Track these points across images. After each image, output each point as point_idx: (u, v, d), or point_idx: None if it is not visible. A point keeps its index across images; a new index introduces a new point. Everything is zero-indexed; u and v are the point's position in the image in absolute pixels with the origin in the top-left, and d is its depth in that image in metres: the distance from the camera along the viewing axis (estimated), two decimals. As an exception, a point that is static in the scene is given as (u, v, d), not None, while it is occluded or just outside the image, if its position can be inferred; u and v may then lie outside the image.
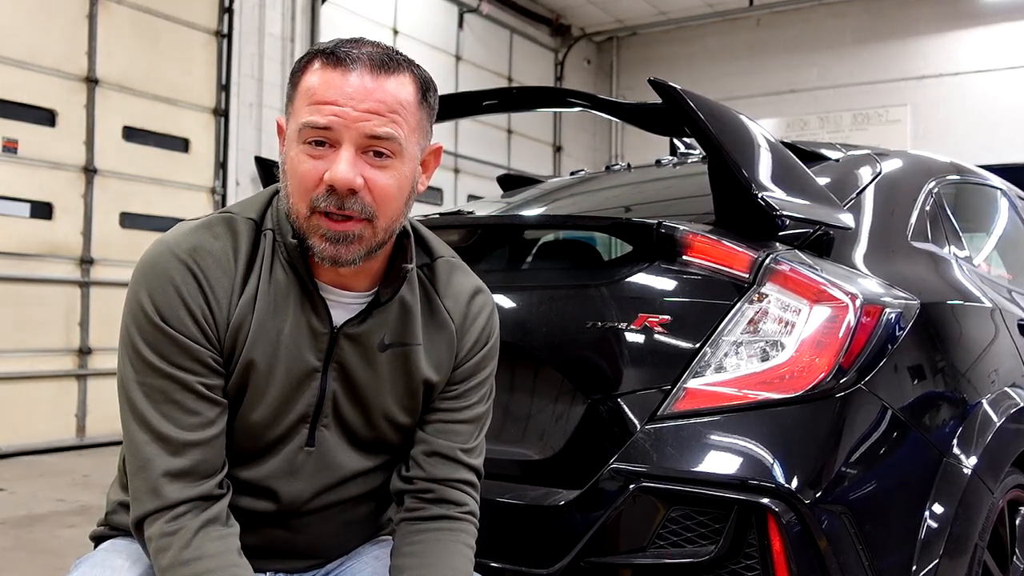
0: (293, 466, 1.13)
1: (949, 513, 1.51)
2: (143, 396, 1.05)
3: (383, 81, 1.05)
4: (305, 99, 1.05)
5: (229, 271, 1.08)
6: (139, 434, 1.05)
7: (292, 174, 1.06)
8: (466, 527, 1.19)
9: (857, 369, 1.46)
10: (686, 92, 1.59)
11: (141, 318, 1.05)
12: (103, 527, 1.23)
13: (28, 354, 5.29)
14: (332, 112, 1.03)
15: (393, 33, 7.96)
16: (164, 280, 1.06)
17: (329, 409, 1.14)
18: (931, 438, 1.56)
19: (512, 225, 2.14)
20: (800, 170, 1.75)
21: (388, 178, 1.06)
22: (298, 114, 1.06)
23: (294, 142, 1.06)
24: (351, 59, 1.04)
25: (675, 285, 1.59)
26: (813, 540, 1.36)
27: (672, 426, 1.47)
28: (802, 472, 1.40)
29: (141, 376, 1.05)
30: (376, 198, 1.05)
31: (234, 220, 1.12)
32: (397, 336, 1.16)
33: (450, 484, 1.19)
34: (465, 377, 1.22)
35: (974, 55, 8.95)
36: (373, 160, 1.05)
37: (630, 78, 10.79)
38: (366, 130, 1.03)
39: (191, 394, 1.05)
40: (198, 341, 1.06)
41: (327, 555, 1.23)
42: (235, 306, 1.08)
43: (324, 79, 1.04)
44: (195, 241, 1.08)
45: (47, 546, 3.33)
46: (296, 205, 1.06)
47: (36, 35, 5.33)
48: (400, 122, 1.05)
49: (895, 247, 1.83)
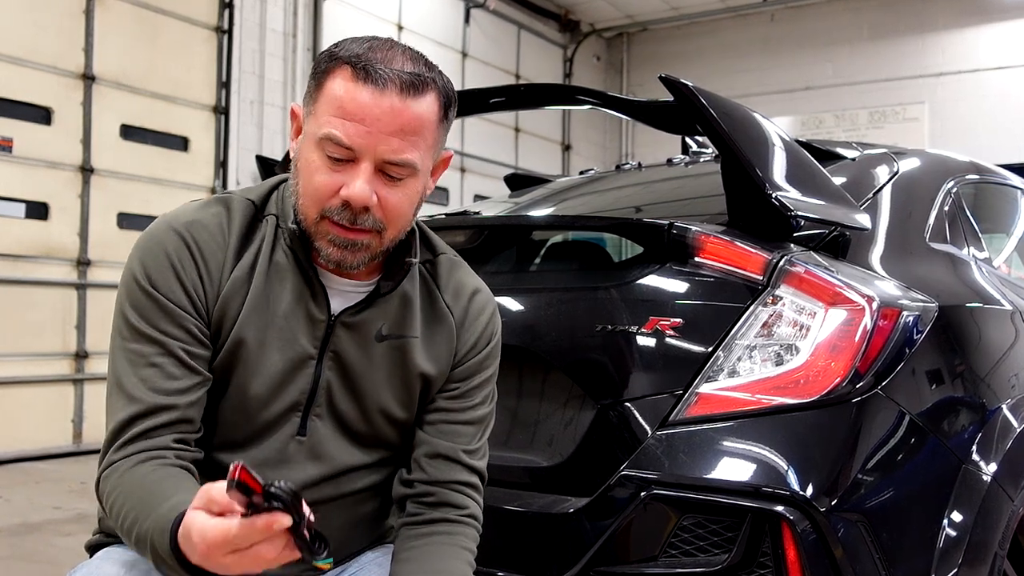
0: (284, 455, 1.13)
1: (968, 521, 1.49)
2: (126, 362, 1.07)
3: (410, 104, 1.06)
4: (330, 106, 1.06)
5: (222, 245, 1.11)
6: (116, 400, 1.07)
7: (306, 177, 1.08)
8: (466, 531, 1.19)
9: (874, 373, 1.44)
10: (698, 89, 1.58)
11: (132, 284, 1.09)
12: (98, 535, 1.22)
13: (23, 358, 5.24)
14: (356, 132, 1.04)
15: (397, 29, 7.92)
16: (158, 249, 1.10)
17: (323, 399, 1.15)
18: (950, 444, 1.54)
19: (520, 226, 2.14)
20: (815, 169, 1.73)
21: (401, 196, 1.09)
22: (320, 118, 1.07)
23: (312, 145, 1.07)
24: (383, 79, 1.05)
25: (687, 287, 1.57)
26: (829, 549, 1.35)
27: (684, 432, 1.45)
28: (817, 479, 1.38)
29: (126, 342, 1.08)
30: (387, 214, 1.08)
31: (230, 199, 1.16)
32: (395, 328, 1.17)
33: (451, 487, 1.19)
34: (467, 376, 1.23)
35: (993, 51, 8.87)
36: (388, 180, 1.07)
37: (641, 75, 10.75)
38: (386, 156, 1.06)
39: (172, 359, 1.07)
40: (185, 308, 1.08)
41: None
42: (226, 279, 1.10)
43: (352, 93, 1.05)
44: (192, 216, 1.12)
45: (43, 555, 3.30)
46: (306, 208, 1.08)
47: (31, 31, 5.28)
48: (419, 144, 1.08)
49: (913, 248, 1.81)
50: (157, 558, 0.96)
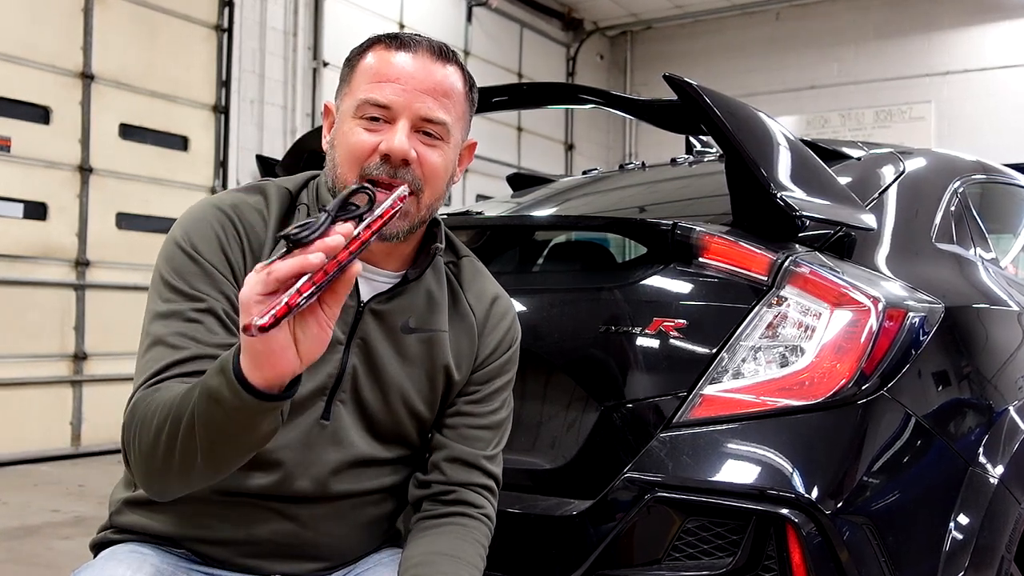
0: (308, 438, 1.13)
1: (975, 524, 1.48)
2: (162, 323, 1.06)
3: (439, 66, 1.14)
4: (365, 78, 1.12)
5: (263, 227, 1.14)
6: (155, 352, 1.04)
7: (343, 145, 1.12)
8: (480, 527, 1.21)
9: (880, 375, 1.43)
10: (702, 88, 1.57)
11: (175, 251, 1.09)
12: (105, 531, 1.21)
13: (21, 360, 5.22)
14: (393, 91, 1.10)
15: (399, 27, 7.90)
16: (203, 222, 1.11)
17: (348, 384, 1.15)
18: (956, 446, 1.53)
19: (522, 226, 2.13)
20: (821, 169, 1.72)
21: (437, 156, 1.13)
22: (356, 92, 1.12)
23: (349, 118, 1.12)
24: (414, 44, 1.13)
25: (691, 288, 1.56)
26: (834, 552, 1.34)
27: (688, 434, 1.44)
28: (823, 482, 1.37)
29: (167, 303, 1.06)
30: (425, 172, 1.11)
31: (266, 186, 1.19)
32: (422, 321, 1.19)
33: (469, 487, 1.21)
34: (488, 379, 1.25)
35: (1001, 50, 8.83)
36: (424, 139, 1.12)
37: (644, 74, 10.74)
38: (422, 112, 1.11)
39: (212, 316, 1.06)
40: (226, 275, 1.09)
41: (333, 558, 1.21)
42: (266, 257, 1.10)
43: (386, 58, 1.12)
44: (235, 199, 1.15)
45: (42, 558, 3.29)
46: (344, 175, 1.11)
47: (29, 29, 5.26)
48: (451, 108, 1.14)
49: (919, 249, 1.80)
50: (212, 402, 0.92)
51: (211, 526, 1.14)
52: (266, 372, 0.89)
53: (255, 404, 0.90)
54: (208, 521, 1.14)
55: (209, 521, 1.14)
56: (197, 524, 1.14)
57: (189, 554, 1.16)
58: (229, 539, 1.14)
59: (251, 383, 0.89)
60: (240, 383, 0.89)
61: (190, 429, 0.94)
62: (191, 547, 1.16)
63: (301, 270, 0.84)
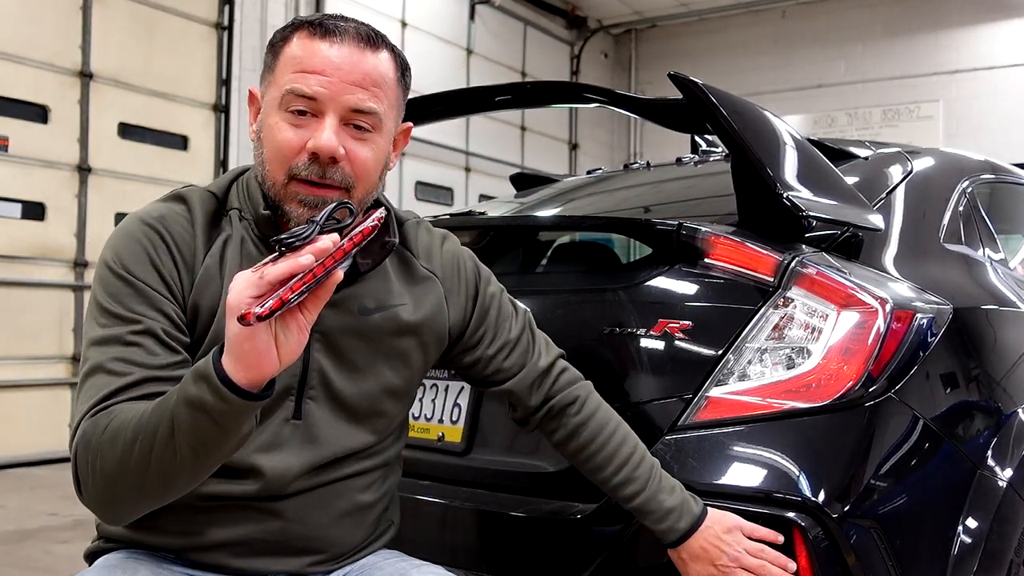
0: (278, 439, 1.13)
1: (983, 528, 1.47)
2: (100, 349, 1.04)
3: (368, 55, 1.10)
4: (289, 67, 1.08)
5: (191, 235, 1.12)
6: (96, 380, 1.03)
7: (270, 141, 1.08)
8: (592, 398, 1.35)
9: (887, 377, 1.42)
10: (708, 87, 1.56)
11: (107, 274, 1.08)
12: (98, 541, 1.20)
13: (19, 361, 5.21)
14: (319, 82, 1.06)
15: (401, 25, 7.90)
16: (131, 240, 1.10)
17: (316, 381, 1.15)
18: (965, 449, 1.51)
19: (526, 226, 2.12)
20: (827, 169, 1.71)
21: (368, 151, 1.10)
22: (280, 81, 1.08)
23: (274, 110, 1.08)
24: (339, 31, 1.09)
25: (697, 289, 1.55)
26: (841, 556, 1.33)
27: (693, 437, 1.44)
28: (829, 485, 1.36)
29: (103, 329, 1.05)
30: (356, 169, 1.09)
31: (187, 193, 1.17)
32: (381, 300, 1.19)
33: (559, 389, 1.33)
34: (483, 317, 1.30)
35: (1009, 48, 8.80)
36: (354, 132, 1.09)
37: (649, 72, 10.73)
38: (351, 103, 1.07)
39: (151, 337, 1.06)
40: (161, 292, 1.08)
41: (328, 549, 1.19)
42: (199, 269, 1.11)
43: (311, 48, 1.08)
44: (160, 211, 1.13)
45: (39, 562, 3.28)
46: (273, 173, 1.08)
47: (27, 27, 5.23)
48: (381, 97, 1.10)
49: (927, 249, 1.79)
50: (195, 409, 0.92)
51: (199, 532, 1.13)
52: (250, 372, 0.91)
53: (240, 404, 0.92)
54: (195, 528, 1.13)
55: (196, 528, 1.13)
56: (184, 532, 1.13)
57: (183, 562, 1.15)
58: (219, 543, 1.13)
59: (235, 383, 0.91)
60: (225, 384, 0.91)
61: (166, 442, 0.95)
62: (184, 555, 1.15)
63: (292, 271, 0.88)
